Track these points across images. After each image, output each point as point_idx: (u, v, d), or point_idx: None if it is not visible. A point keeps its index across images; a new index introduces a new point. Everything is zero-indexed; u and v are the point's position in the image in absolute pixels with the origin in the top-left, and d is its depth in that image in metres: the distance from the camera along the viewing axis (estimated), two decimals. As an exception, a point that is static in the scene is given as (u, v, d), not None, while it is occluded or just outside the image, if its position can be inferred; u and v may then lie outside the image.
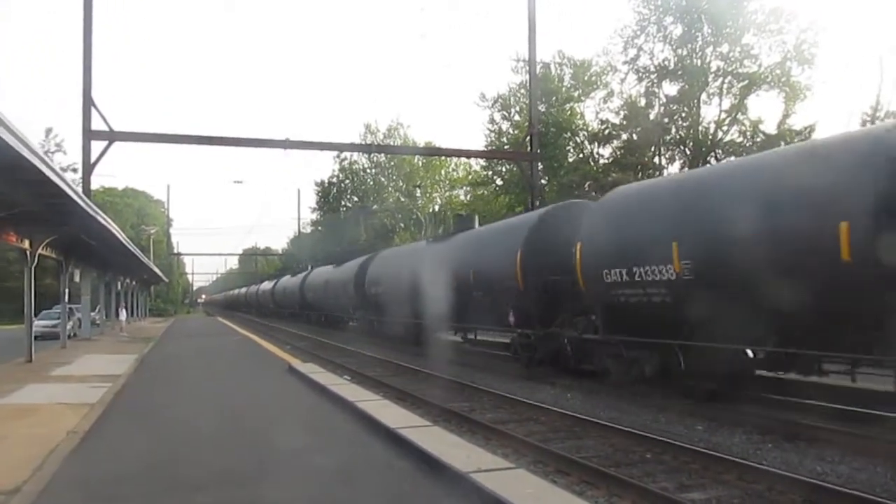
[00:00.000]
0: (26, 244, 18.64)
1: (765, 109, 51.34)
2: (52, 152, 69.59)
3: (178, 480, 6.91)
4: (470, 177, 58.79)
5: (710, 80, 35.35)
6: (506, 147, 44.72)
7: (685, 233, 11.01)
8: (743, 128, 35.34)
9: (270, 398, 12.62)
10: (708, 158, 34.72)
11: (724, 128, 35.69)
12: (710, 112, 36.24)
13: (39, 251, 19.44)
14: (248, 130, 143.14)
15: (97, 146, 26.13)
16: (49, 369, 17.34)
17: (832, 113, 73.62)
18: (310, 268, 47.40)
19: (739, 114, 35.17)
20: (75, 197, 14.22)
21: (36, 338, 27.97)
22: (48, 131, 71.24)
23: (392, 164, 65.58)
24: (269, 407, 11.63)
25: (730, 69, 34.88)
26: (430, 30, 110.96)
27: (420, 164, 63.64)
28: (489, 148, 46.42)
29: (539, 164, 35.92)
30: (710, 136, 35.58)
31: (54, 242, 20.68)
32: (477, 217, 24.14)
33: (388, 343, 25.02)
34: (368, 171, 69.27)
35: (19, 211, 14.51)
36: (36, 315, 32.76)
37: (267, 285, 64.35)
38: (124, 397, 12.84)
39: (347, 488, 6.56)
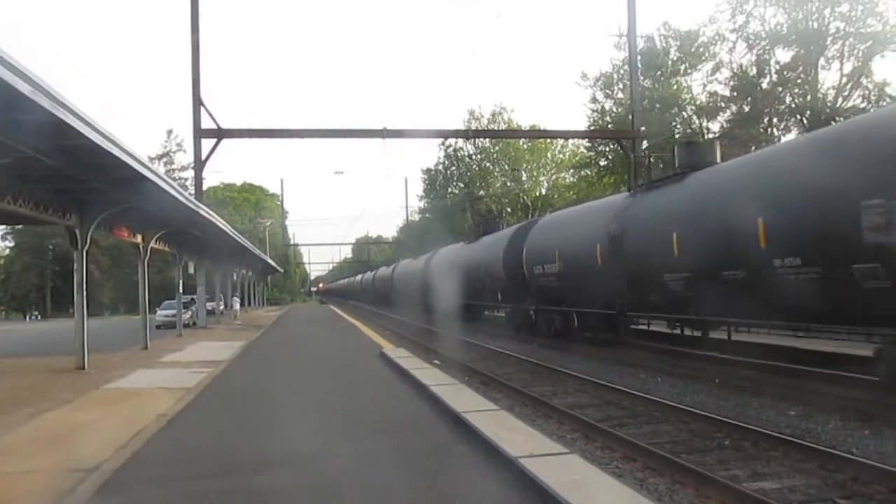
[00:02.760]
0: (138, 239, 19.82)
1: (891, 72, 47.40)
2: (174, 152, 74.06)
3: (239, 464, 7.06)
4: (577, 158, 57.63)
5: (828, 42, 32.96)
6: (609, 126, 43.44)
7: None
8: (867, 92, 32.77)
9: (354, 387, 12.62)
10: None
11: (846, 93, 33.23)
12: (829, 77, 33.83)
13: (151, 245, 20.63)
14: (351, 122, 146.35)
15: (207, 144, 27.55)
16: (160, 356, 18.39)
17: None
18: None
19: (863, 77, 32.62)
20: (172, 191, 14.93)
21: (158, 327, 30.01)
22: (169, 132, 75.78)
23: (497, 148, 65.21)
24: (347, 396, 11.62)
25: (851, 30, 32.38)
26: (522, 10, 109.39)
27: (525, 147, 62.98)
28: (591, 128, 45.22)
29: (643, 141, 34.73)
30: (829, 103, 33.19)
31: (165, 237, 21.87)
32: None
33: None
34: (474, 157, 69.18)
35: (125, 208, 15.40)
36: (159, 306, 35.14)
37: (383, 271, 60.85)
38: (219, 382, 13.40)
39: (400, 471, 6.53)
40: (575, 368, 14.16)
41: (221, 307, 40.41)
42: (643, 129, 33.79)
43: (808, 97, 33.42)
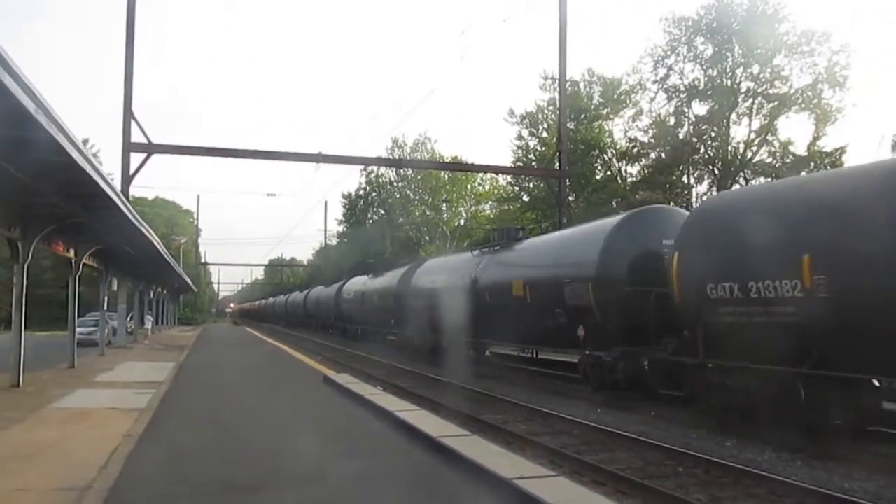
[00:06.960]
0: (71, 254, 19.30)
1: (795, 131, 51.29)
2: (88, 163, 70.96)
3: (234, 481, 7.30)
4: (496, 192, 59.13)
5: (739, 100, 35.63)
6: (532, 163, 45.04)
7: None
8: (773, 149, 35.53)
9: (311, 408, 12.99)
10: (737, 178, 34.89)
11: (754, 148, 35.91)
12: (739, 132, 36.55)
13: (84, 261, 20.11)
14: (276, 144, 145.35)
15: (136, 158, 26.95)
16: (92, 375, 17.88)
17: (865, 135, 73.09)
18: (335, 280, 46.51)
19: (769, 134, 35.35)
20: (125, 209, 14.80)
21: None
22: (85, 141, 72.51)
23: (419, 177, 65.93)
24: (309, 417, 11.97)
25: (760, 90, 35.13)
26: (462, 48, 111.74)
27: (446, 178, 64.02)
28: (516, 164, 46.72)
29: (567, 180, 36.23)
30: (740, 157, 35.75)
31: (97, 252, 21.34)
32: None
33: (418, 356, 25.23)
34: (395, 184, 69.66)
35: (70, 223, 15.11)
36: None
37: (321, 292, 54.86)
38: (170, 403, 13.32)
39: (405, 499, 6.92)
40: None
41: (136, 326, 39.05)
42: (566, 168, 35.20)
43: (721, 149, 35.84)
